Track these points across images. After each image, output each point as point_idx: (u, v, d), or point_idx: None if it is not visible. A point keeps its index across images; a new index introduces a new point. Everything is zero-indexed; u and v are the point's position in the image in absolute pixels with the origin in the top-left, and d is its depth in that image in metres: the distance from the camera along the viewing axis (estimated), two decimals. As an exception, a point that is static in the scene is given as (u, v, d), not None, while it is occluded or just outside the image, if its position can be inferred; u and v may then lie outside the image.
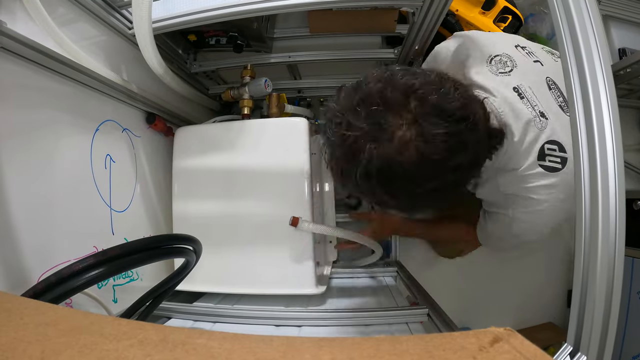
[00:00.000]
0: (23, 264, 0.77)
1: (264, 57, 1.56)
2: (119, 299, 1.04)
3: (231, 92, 1.44)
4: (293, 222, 1.13)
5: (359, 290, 1.44)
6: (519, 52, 1.04)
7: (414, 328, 1.00)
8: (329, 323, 1.05)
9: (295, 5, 1.08)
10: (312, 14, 1.41)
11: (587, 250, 0.51)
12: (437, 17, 1.15)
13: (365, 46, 1.58)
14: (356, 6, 1.30)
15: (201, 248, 0.79)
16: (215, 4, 1.10)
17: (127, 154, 1.17)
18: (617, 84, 0.71)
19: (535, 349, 0.35)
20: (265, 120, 1.32)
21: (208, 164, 1.26)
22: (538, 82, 0.98)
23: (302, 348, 0.36)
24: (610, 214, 0.49)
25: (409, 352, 0.36)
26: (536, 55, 1.06)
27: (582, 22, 0.55)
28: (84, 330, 0.37)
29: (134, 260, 0.65)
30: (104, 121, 1.06)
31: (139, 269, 1.15)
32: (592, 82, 0.52)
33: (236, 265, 1.22)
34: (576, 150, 0.53)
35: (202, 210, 1.24)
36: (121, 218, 1.10)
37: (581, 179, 0.52)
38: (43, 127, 0.86)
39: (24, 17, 0.79)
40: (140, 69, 1.17)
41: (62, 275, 0.58)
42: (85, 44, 1.00)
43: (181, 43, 1.54)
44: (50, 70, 0.86)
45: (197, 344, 0.36)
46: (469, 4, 1.62)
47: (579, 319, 0.51)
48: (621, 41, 1.94)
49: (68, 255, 0.87)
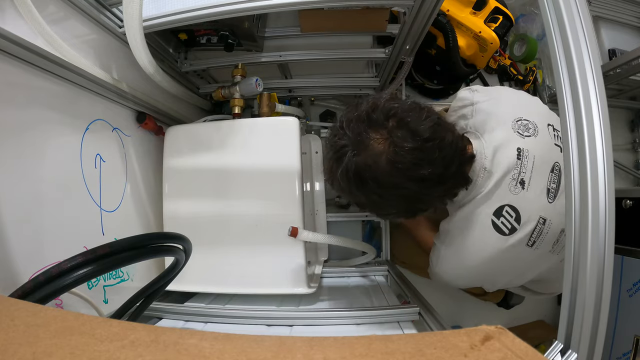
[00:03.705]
0: (12, 265, 0.77)
1: (255, 56, 1.56)
2: (109, 300, 1.04)
3: (222, 91, 1.44)
4: (292, 233, 1.13)
5: (350, 289, 1.44)
6: (547, 130, 1.08)
7: (406, 327, 1.00)
8: (321, 322, 1.05)
9: (286, 5, 1.08)
10: (304, 13, 1.41)
11: (577, 248, 0.51)
12: (428, 17, 1.16)
13: (357, 46, 1.58)
14: (347, 6, 1.30)
15: (191, 247, 0.79)
16: (206, 2, 1.09)
17: (117, 154, 1.16)
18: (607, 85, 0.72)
19: (526, 347, 0.36)
20: (256, 120, 1.32)
21: (199, 164, 1.25)
22: (545, 160, 1.03)
23: (294, 348, 0.36)
24: (600, 213, 0.49)
25: (401, 350, 0.36)
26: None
27: (572, 22, 0.55)
28: (75, 331, 0.37)
29: (124, 258, 0.64)
30: (94, 120, 1.05)
31: (130, 270, 1.14)
32: (582, 83, 0.53)
33: (227, 265, 1.22)
34: (566, 149, 0.54)
35: (193, 210, 1.24)
36: (111, 218, 1.10)
37: (571, 178, 0.53)
38: (32, 126, 0.85)
39: (14, 14, 0.79)
40: (131, 68, 1.16)
41: (51, 274, 0.57)
42: (76, 43, 1.00)
43: (172, 42, 1.54)
44: (40, 69, 0.86)
45: (189, 345, 0.36)
46: (460, 4, 1.63)
47: (570, 317, 0.51)
48: (611, 42, 1.96)
49: (58, 255, 0.85)
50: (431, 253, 1.22)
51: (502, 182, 1.00)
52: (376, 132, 0.91)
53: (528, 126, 1.06)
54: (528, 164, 1.01)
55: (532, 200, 1.00)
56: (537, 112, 1.12)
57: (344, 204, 1.82)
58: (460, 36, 1.63)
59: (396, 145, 0.88)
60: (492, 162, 1.02)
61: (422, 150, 0.89)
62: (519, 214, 1.00)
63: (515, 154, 1.01)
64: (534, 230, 1.00)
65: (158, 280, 0.85)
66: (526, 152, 1.02)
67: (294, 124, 1.23)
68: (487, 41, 1.59)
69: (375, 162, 0.89)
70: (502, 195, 1.01)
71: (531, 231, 1.00)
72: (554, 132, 1.09)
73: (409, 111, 0.92)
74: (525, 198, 1.00)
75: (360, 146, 0.91)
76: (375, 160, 0.89)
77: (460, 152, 0.98)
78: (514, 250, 1.01)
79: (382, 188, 0.92)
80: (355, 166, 0.90)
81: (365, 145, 0.90)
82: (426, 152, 0.89)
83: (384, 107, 0.93)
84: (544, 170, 1.02)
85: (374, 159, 0.89)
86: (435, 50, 1.69)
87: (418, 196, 0.95)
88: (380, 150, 0.89)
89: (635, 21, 2.02)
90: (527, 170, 1.01)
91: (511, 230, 1.00)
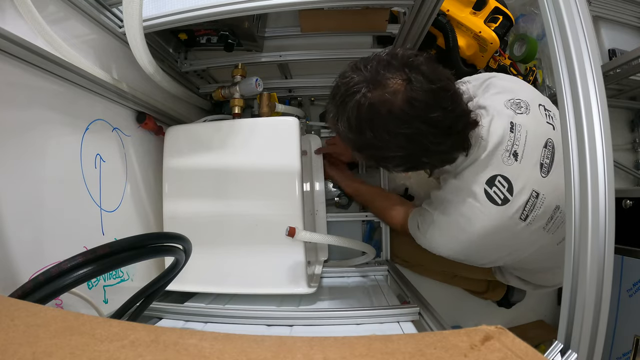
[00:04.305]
0: (12, 265, 0.77)
1: (255, 56, 1.56)
2: (109, 300, 1.04)
3: (222, 91, 1.44)
4: (290, 233, 1.12)
5: (350, 289, 1.44)
6: (539, 110, 1.11)
7: (405, 327, 1.00)
8: (321, 322, 1.05)
9: (286, 5, 1.08)
10: (303, 13, 1.41)
11: (577, 248, 0.51)
12: (428, 17, 1.16)
13: (356, 45, 1.58)
14: (347, 6, 1.30)
15: (191, 247, 0.79)
16: (206, 2, 1.09)
17: (117, 154, 1.16)
18: (607, 85, 0.72)
19: (526, 347, 0.36)
20: (256, 120, 1.32)
21: (199, 164, 1.25)
22: (538, 135, 1.05)
23: (294, 348, 0.36)
24: (600, 213, 0.50)
25: (401, 350, 0.36)
26: (554, 121, 1.11)
27: (572, 22, 0.55)
28: (75, 331, 0.37)
29: (124, 258, 0.64)
30: (94, 120, 1.05)
31: (130, 270, 1.14)
32: (582, 83, 0.53)
33: (227, 265, 1.22)
34: (566, 149, 0.54)
35: (193, 210, 1.24)
36: (111, 218, 1.10)
37: (571, 178, 0.53)
38: (32, 126, 0.85)
39: (14, 15, 0.79)
40: (131, 68, 1.16)
41: (51, 274, 0.57)
42: (76, 43, 1.00)
43: (172, 42, 1.54)
44: (40, 69, 0.86)
45: (189, 345, 0.36)
46: (460, 4, 1.63)
47: (570, 317, 0.51)
48: (611, 42, 1.96)
49: (58, 255, 0.85)
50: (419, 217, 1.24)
51: (496, 153, 1.02)
52: (394, 73, 0.92)
53: (520, 104, 1.09)
54: (521, 138, 1.03)
55: (525, 172, 1.02)
56: (527, 93, 1.15)
57: (344, 204, 1.82)
58: (460, 36, 1.63)
59: (413, 86, 0.90)
60: (488, 132, 1.04)
61: (436, 96, 0.92)
62: (512, 185, 1.01)
63: (509, 127, 1.03)
64: (526, 202, 1.01)
65: (158, 280, 0.85)
66: (519, 127, 1.04)
67: (294, 124, 1.23)
68: (487, 41, 1.59)
69: (391, 99, 0.91)
70: (494, 165, 1.03)
71: (524, 203, 1.01)
72: (545, 112, 1.12)
73: (426, 62, 0.95)
74: (518, 169, 1.02)
75: (377, 83, 0.92)
76: (391, 96, 0.91)
77: (468, 113, 1.00)
78: (507, 221, 1.02)
79: (394, 124, 0.93)
80: (370, 101, 0.92)
81: (383, 83, 0.92)
82: (440, 99, 0.92)
83: (403, 55, 0.95)
84: (537, 145, 1.04)
85: (391, 96, 0.91)
86: (435, 50, 1.69)
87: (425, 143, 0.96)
88: (397, 89, 0.91)
89: (635, 21, 2.02)
90: (520, 144, 1.03)
91: (504, 201, 1.01)
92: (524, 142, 1.03)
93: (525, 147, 1.03)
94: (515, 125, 1.04)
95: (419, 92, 0.90)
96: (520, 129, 1.04)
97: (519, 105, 1.08)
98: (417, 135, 0.94)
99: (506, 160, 1.02)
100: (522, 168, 1.02)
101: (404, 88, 0.91)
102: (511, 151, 1.02)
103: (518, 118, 1.05)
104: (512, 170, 1.02)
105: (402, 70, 0.92)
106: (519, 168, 1.02)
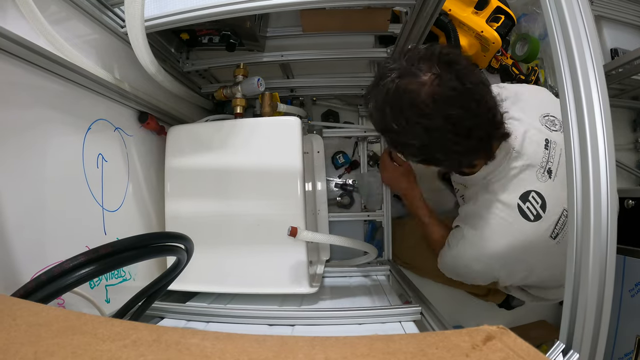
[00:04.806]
0: (14, 264, 0.77)
1: (257, 56, 1.56)
2: (111, 299, 1.04)
3: (224, 91, 1.44)
4: (292, 233, 1.12)
5: (351, 289, 1.44)
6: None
7: (407, 327, 1.00)
8: (322, 322, 1.05)
9: (288, 4, 1.08)
10: (305, 13, 1.41)
11: (579, 248, 0.51)
12: (430, 16, 1.15)
13: (358, 45, 1.58)
14: (349, 5, 1.30)
15: (193, 246, 0.79)
16: (208, 2, 1.09)
17: (119, 153, 1.16)
18: (609, 84, 0.72)
19: (527, 347, 0.36)
20: (257, 119, 1.32)
21: (201, 163, 1.25)
22: None
23: (296, 347, 0.36)
24: (602, 213, 0.49)
25: (402, 350, 0.36)
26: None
27: (574, 22, 0.55)
28: (77, 331, 0.37)
29: (126, 257, 0.64)
30: (96, 120, 1.05)
31: (132, 269, 1.14)
32: (584, 82, 0.53)
33: (229, 264, 1.22)
34: (568, 149, 0.54)
35: (195, 210, 1.24)
36: (113, 218, 1.10)
37: (573, 178, 0.53)
38: (34, 126, 0.85)
39: (16, 15, 0.79)
40: (133, 68, 1.16)
41: (53, 274, 0.57)
42: (77, 42, 1.00)
43: (174, 41, 1.54)
44: (42, 69, 0.86)
45: (191, 344, 0.36)
46: (462, 4, 1.63)
47: (572, 317, 0.51)
48: (613, 41, 1.96)
49: (60, 255, 0.85)
50: (450, 236, 1.23)
51: (530, 168, 1.03)
52: (427, 67, 0.94)
53: (555, 122, 1.09)
54: (555, 156, 1.04)
55: (557, 190, 1.02)
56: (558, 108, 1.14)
57: (345, 203, 1.82)
58: (462, 36, 1.63)
59: (441, 81, 0.92)
60: (522, 146, 1.04)
61: (461, 95, 0.92)
62: (545, 202, 1.02)
63: (544, 143, 1.04)
64: (557, 221, 1.02)
65: (160, 280, 0.85)
66: (554, 144, 1.05)
67: (296, 124, 1.23)
68: (489, 41, 1.59)
69: (416, 89, 0.93)
70: (529, 181, 1.03)
71: (555, 222, 1.02)
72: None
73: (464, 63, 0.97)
74: (552, 187, 1.02)
75: (407, 73, 0.95)
76: (417, 87, 0.93)
77: (495, 124, 1.01)
78: (538, 238, 1.02)
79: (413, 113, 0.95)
80: (396, 87, 0.95)
81: (413, 74, 0.94)
82: (464, 99, 0.93)
83: (441, 52, 0.97)
84: None
85: (417, 86, 0.93)
86: (436, 50, 1.69)
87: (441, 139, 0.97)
88: (425, 81, 0.93)
89: (637, 21, 2.01)
90: (554, 161, 1.04)
91: (536, 217, 1.02)
92: (557, 160, 1.04)
93: (559, 165, 1.04)
94: (550, 142, 1.05)
95: (445, 88, 0.92)
96: (555, 146, 1.05)
97: (554, 123, 1.09)
98: (434, 129, 0.95)
99: (540, 177, 1.02)
100: (555, 186, 1.02)
101: (432, 82, 0.92)
102: (546, 168, 1.03)
103: (552, 135, 1.06)
104: (546, 187, 1.02)
105: (436, 65, 0.94)
106: (553, 186, 1.02)
